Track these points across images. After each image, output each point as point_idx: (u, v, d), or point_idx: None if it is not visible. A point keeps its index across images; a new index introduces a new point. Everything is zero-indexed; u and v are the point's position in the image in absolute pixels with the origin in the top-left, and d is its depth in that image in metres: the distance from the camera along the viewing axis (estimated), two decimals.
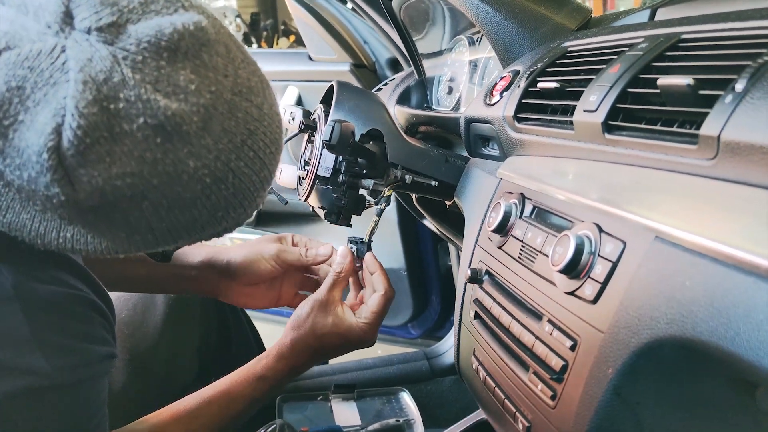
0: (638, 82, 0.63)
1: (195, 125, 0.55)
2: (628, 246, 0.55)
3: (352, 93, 1.03)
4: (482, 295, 0.80)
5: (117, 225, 0.57)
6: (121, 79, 0.52)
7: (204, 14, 0.58)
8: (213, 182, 0.58)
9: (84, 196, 0.53)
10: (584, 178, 0.67)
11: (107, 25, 0.52)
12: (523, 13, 0.94)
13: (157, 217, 0.57)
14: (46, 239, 0.58)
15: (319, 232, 2.04)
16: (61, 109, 0.50)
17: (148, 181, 0.54)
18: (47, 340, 0.62)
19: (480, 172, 0.93)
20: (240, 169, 0.60)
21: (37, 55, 0.51)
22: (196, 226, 0.60)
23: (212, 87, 0.56)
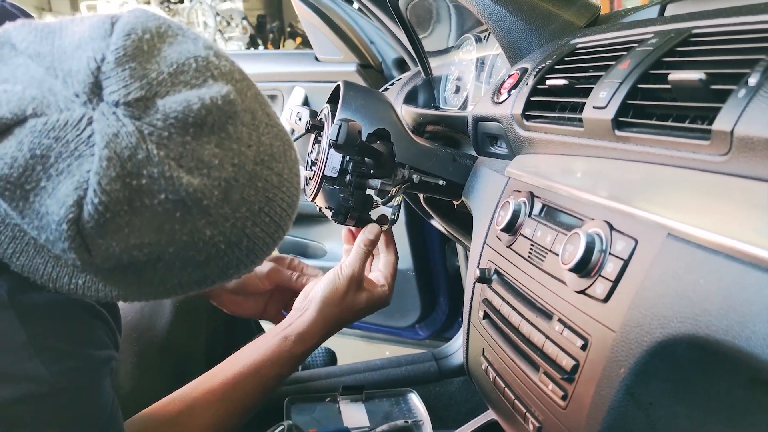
0: (649, 78, 0.62)
1: (215, 198, 0.55)
2: (640, 244, 0.54)
3: (358, 92, 1.02)
4: (491, 294, 0.79)
5: (130, 280, 0.58)
6: (146, 156, 0.52)
7: (232, 82, 0.57)
8: (227, 247, 0.59)
9: (100, 261, 0.54)
10: (594, 176, 0.67)
11: (135, 100, 0.52)
12: (531, 11, 0.93)
13: (170, 276, 0.58)
14: (58, 284, 0.58)
15: (325, 232, 2.04)
16: (84, 182, 0.50)
17: (164, 248, 0.55)
18: (44, 346, 0.62)
19: (488, 170, 0.93)
20: (255, 234, 0.60)
21: (63, 126, 0.50)
22: (206, 281, 0.62)
23: (235, 159, 0.56)
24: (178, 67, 0.54)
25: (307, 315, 0.94)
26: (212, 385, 0.88)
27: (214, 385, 0.88)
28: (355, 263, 0.95)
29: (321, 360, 1.75)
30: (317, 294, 0.95)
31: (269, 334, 0.94)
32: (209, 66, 0.56)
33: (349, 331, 2.24)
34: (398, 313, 1.93)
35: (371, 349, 2.31)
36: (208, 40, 0.60)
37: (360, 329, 2.14)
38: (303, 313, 0.94)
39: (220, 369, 0.91)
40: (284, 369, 0.93)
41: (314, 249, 2.07)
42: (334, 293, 0.94)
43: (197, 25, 7.24)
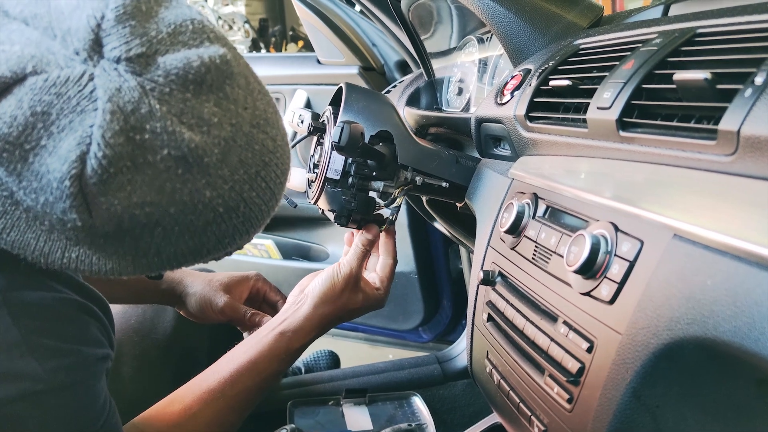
0: (653, 78, 0.62)
1: (215, 157, 0.56)
2: (646, 245, 0.54)
3: (361, 94, 1.02)
4: (495, 297, 0.78)
5: (125, 249, 0.58)
6: (149, 110, 0.52)
7: (227, 46, 0.58)
8: (225, 211, 0.59)
9: (100, 223, 0.54)
10: (599, 177, 0.66)
11: (136, 56, 0.52)
12: (533, 12, 0.93)
13: (167, 243, 0.58)
14: (50, 259, 0.58)
15: (328, 235, 2.03)
16: (87, 137, 0.50)
17: (165, 209, 0.55)
18: (38, 344, 0.62)
19: (491, 172, 0.92)
20: (252, 199, 0.61)
21: (64, 82, 0.50)
22: (202, 251, 0.61)
23: (233, 120, 0.57)
24: (176, 28, 0.55)
25: (303, 310, 0.94)
26: (210, 384, 0.88)
27: (212, 383, 0.88)
28: (353, 262, 0.96)
29: (324, 363, 1.74)
30: (314, 290, 0.95)
31: (264, 330, 0.94)
32: (204, 29, 0.57)
33: (352, 334, 2.23)
34: (401, 316, 1.93)
35: (374, 353, 2.31)
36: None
37: (363, 332, 2.13)
38: (298, 308, 0.94)
39: (217, 367, 0.91)
40: (281, 364, 0.93)
41: (316, 252, 2.07)
42: (331, 290, 0.95)
43: None
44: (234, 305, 1.11)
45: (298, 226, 2.05)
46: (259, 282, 1.17)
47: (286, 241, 2.08)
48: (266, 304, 1.19)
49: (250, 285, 1.16)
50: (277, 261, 2.07)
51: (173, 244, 0.58)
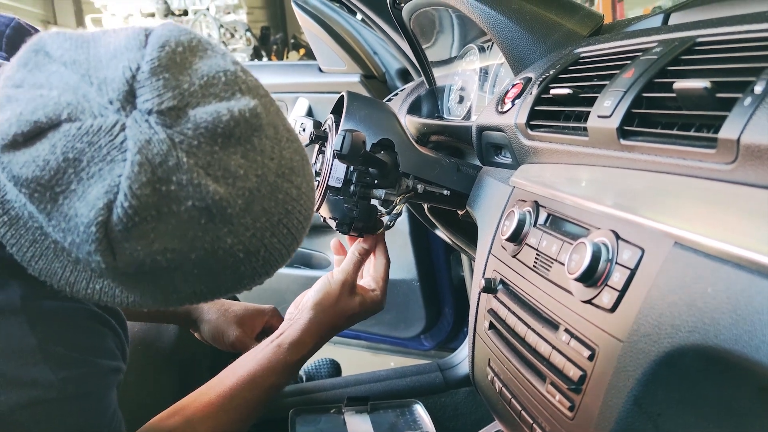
0: (653, 87, 0.62)
1: (238, 207, 0.57)
2: (647, 253, 0.54)
3: (362, 103, 1.02)
4: (497, 304, 0.78)
5: (146, 287, 0.59)
6: (176, 162, 0.53)
7: (258, 97, 0.59)
8: (245, 256, 0.60)
9: (123, 265, 0.55)
10: (599, 185, 0.66)
11: (168, 109, 0.53)
12: (534, 20, 0.93)
13: (186, 284, 0.59)
14: (75, 288, 0.59)
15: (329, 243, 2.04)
16: (114, 186, 0.52)
17: (185, 255, 0.56)
18: (53, 352, 0.62)
19: (492, 180, 0.92)
20: (273, 244, 0.62)
21: (97, 131, 0.52)
22: (220, 290, 0.63)
23: (259, 171, 0.58)
24: (208, 80, 0.56)
25: (300, 322, 0.94)
26: (210, 397, 0.88)
27: (212, 396, 0.88)
28: (347, 268, 0.96)
29: (326, 371, 1.74)
30: (309, 300, 0.95)
31: (264, 344, 0.94)
32: (237, 80, 0.58)
33: (354, 342, 2.23)
34: (403, 323, 1.93)
35: (376, 360, 2.30)
36: (235, 57, 0.62)
37: (365, 340, 2.13)
38: (295, 321, 0.94)
39: (217, 380, 0.91)
40: (280, 378, 0.93)
41: (318, 259, 2.07)
42: (326, 298, 0.95)
43: None
44: (244, 341, 1.12)
45: None
46: (274, 318, 1.18)
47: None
48: None
49: (264, 320, 1.17)
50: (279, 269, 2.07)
51: (192, 286, 0.60)
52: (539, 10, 0.95)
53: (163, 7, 7.06)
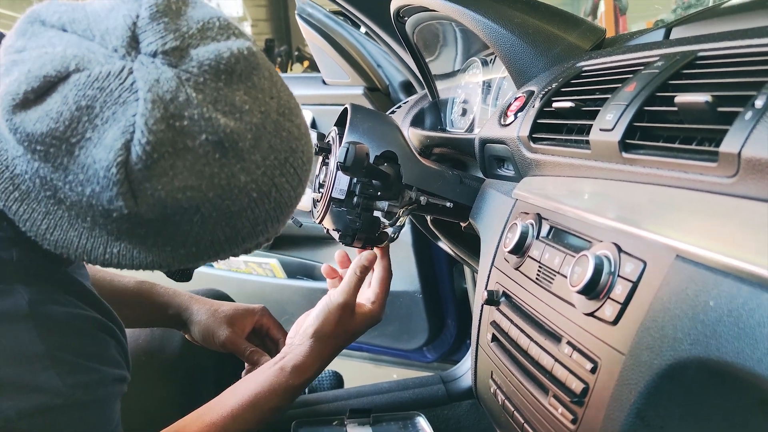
0: (655, 101, 0.63)
1: (248, 142, 0.59)
2: (649, 265, 0.54)
3: (366, 115, 1.03)
4: (500, 317, 0.79)
5: (165, 239, 0.60)
6: (186, 98, 0.55)
7: (249, 40, 0.62)
8: (258, 196, 0.62)
9: (145, 210, 0.56)
10: (602, 198, 0.67)
11: (171, 49, 0.56)
12: (536, 34, 0.94)
13: (204, 231, 0.61)
14: (93, 255, 0.60)
15: (332, 254, 2.04)
16: (130, 126, 0.53)
17: (204, 194, 0.58)
18: (60, 359, 0.63)
19: (495, 192, 0.93)
20: (282, 184, 0.64)
21: (106, 76, 0.54)
22: (237, 239, 0.64)
23: (262, 107, 0.60)
24: (204, 24, 0.59)
25: (301, 348, 0.94)
26: (212, 418, 0.88)
27: (213, 417, 0.88)
28: (347, 290, 0.95)
29: (328, 383, 1.74)
30: (309, 328, 0.94)
31: (266, 366, 0.94)
32: (229, 26, 0.61)
33: (357, 354, 2.23)
34: (406, 335, 1.92)
35: (378, 372, 2.30)
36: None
37: (367, 352, 2.13)
38: (297, 345, 0.94)
39: (219, 401, 0.91)
40: (282, 401, 0.92)
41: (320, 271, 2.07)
42: (326, 325, 0.94)
43: None
44: (235, 340, 1.11)
45: (302, 246, 2.06)
46: (264, 317, 1.17)
47: (291, 260, 2.08)
48: (269, 339, 1.18)
49: (255, 320, 1.16)
50: (282, 280, 2.07)
51: (210, 233, 0.61)
52: (542, 23, 0.95)
53: None
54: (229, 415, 0.88)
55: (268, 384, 0.91)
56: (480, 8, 0.96)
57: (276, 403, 0.91)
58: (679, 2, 9.78)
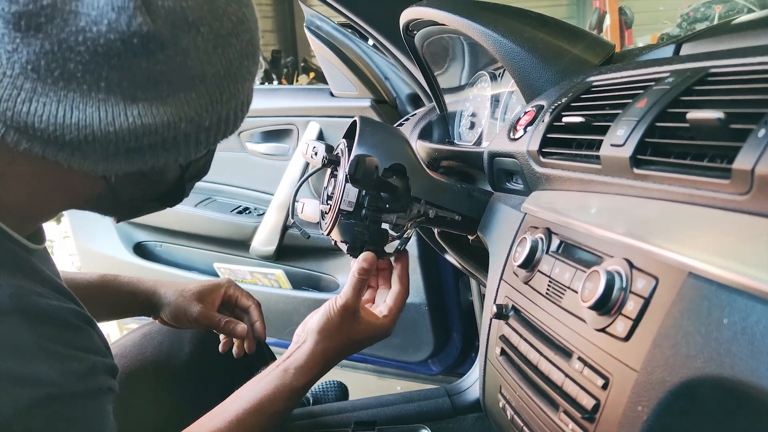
0: (666, 117, 0.63)
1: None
2: (661, 282, 0.54)
3: (375, 128, 1.03)
4: (509, 331, 0.78)
5: (177, 80, 0.63)
6: None
7: None
8: (237, 21, 0.66)
9: (160, 25, 0.59)
10: (612, 213, 0.67)
11: None
12: (546, 49, 0.94)
13: (205, 59, 0.64)
14: (117, 124, 0.61)
15: (338, 265, 2.04)
16: None
17: (200, 7, 0.62)
18: (50, 350, 0.63)
19: (504, 206, 0.93)
20: (250, 15, 0.69)
21: None
22: (230, 72, 0.67)
23: None
24: None
25: (305, 347, 0.94)
26: (217, 424, 0.87)
27: (218, 423, 0.87)
28: (348, 292, 0.95)
29: (333, 394, 1.73)
30: (313, 325, 0.95)
31: (270, 368, 0.94)
32: None
33: (361, 366, 2.22)
34: (411, 347, 1.92)
35: (383, 384, 2.29)
36: None
37: (372, 363, 2.12)
38: (300, 346, 0.94)
39: (224, 407, 0.91)
40: (287, 402, 0.92)
41: (327, 282, 2.07)
42: (328, 323, 0.94)
43: None
44: (207, 314, 1.13)
45: (308, 257, 2.06)
46: (231, 288, 1.19)
47: (297, 271, 2.08)
48: (239, 309, 1.20)
49: (222, 292, 1.18)
50: (288, 291, 2.07)
51: (209, 61, 0.64)
52: (551, 38, 0.96)
53: None
54: (233, 420, 0.88)
55: (272, 386, 0.91)
56: (490, 23, 0.97)
57: (280, 406, 0.91)
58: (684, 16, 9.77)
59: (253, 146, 2.08)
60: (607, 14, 9.04)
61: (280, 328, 2.06)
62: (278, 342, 2.02)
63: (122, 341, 1.22)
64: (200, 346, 1.23)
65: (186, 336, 1.23)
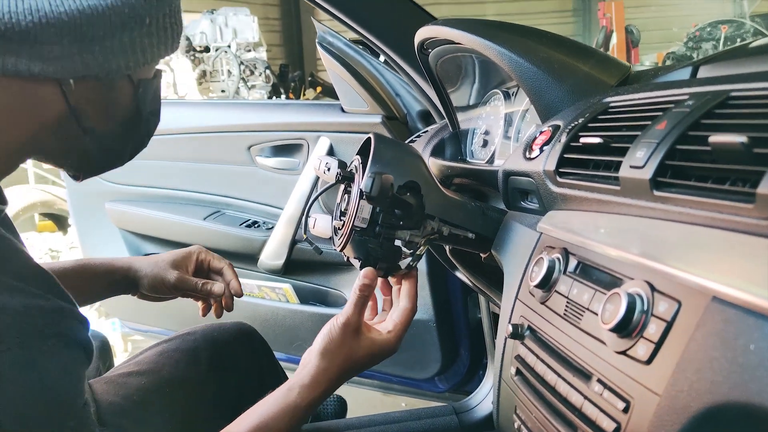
0: (687, 139, 0.63)
1: None
2: (684, 306, 0.54)
3: (389, 145, 1.03)
4: (525, 351, 0.78)
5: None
6: None
7: None
8: None
9: None
10: (632, 234, 0.67)
11: None
12: (562, 69, 0.95)
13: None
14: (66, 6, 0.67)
15: (346, 280, 2.04)
16: None
17: None
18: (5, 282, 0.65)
19: (519, 225, 0.93)
20: None
21: None
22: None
23: None
24: None
25: (309, 367, 0.93)
26: None
27: None
28: (349, 310, 0.94)
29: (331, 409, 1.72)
30: (315, 345, 0.94)
31: (277, 390, 0.94)
32: None
33: (366, 381, 2.21)
34: (419, 364, 1.91)
35: (387, 400, 2.28)
36: None
37: (377, 380, 2.11)
38: (305, 365, 0.94)
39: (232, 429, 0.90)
40: (291, 421, 0.91)
41: (334, 297, 2.07)
42: (330, 342, 0.93)
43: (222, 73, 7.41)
44: (184, 278, 1.18)
45: (316, 271, 2.06)
46: (202, 253, 1.24)
47: (304, 285, 2.08)
48: (213, 272, 1.25)
49: (195, 258, 1.23)
50: (295, 305, 2.07)
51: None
52: (567, 58, 0.96)
53: (185, 43, 7.22)
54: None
55: (276, 406, 0.90)
56: (506, 42, 0.97)
57: (284, 425, 0.90)
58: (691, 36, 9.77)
59: (262, 160, 2.08)
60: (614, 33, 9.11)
61: (286, 343, 2.06)
62: (287, 357, 2.01)
63: (138, 358, 1.22)
64: (216, 363, 1.23)
65: (203, 354, 1.22)
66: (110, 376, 1.15)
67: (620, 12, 9.50)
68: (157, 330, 2.42)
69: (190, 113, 2.26)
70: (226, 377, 1.23)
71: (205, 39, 7.52)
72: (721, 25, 9.02)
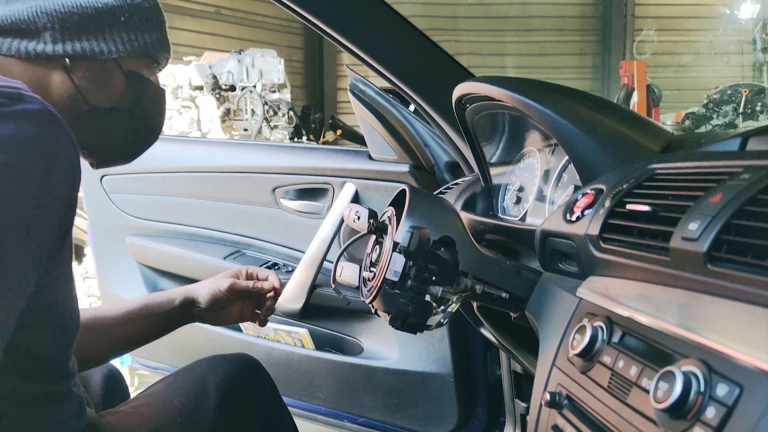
0: (743, 214, 0.62)
1: None
2: (747, 391, 0.51)
3: (424, 198, 1.03)
4: (562, 422, 0.75)
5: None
6: None
7: None
8: None
9: None
10: (683, 309, 0.65)
11: None
12: (605, 132, 0.94)
13: None
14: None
15: (363, 328, 2.01)
16: None
17: None
18: None
19: (557, 289, 0.91)
20: None
21: None
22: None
23: None
24: None
25: None
26: None
27: None
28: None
29: None
30: None
31: None
32: None
33: None
34: (434, 419, 1.86)
35: None
36: None
37: None
38: None
39: None
40: None
41: (350, 345, 2.03)
42: None
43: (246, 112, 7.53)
44: (237, 282, 1.30)
45: (334, 317, 2.03)
46: (249, 268, 1.37)
47: (321, 331, 2.05)
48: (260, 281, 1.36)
49: (244, 271, 1.36)
50: (310, 351, 2.04)
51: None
52: (610, 122, 0.96)
53: (212, 81, 7.35)
54: None
55: None
56: (549, 103, 0.97)
57: None
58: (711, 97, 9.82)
59: (286, 203, 2.08)
60: (635, 91, 9.18)
61: (300, 389, 2.02)
62: (299, 404, 1.97)
63: (149, 391, 1.22)
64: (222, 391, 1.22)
65: (210, 384, 1.21)
66: (124, 409, 1.15)
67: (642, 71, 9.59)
68: (164, 367, 2.40)
69: (216, 152, 2.28)
70: (235, 410, 1.24)
71: (231, 78, 7.67)
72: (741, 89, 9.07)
